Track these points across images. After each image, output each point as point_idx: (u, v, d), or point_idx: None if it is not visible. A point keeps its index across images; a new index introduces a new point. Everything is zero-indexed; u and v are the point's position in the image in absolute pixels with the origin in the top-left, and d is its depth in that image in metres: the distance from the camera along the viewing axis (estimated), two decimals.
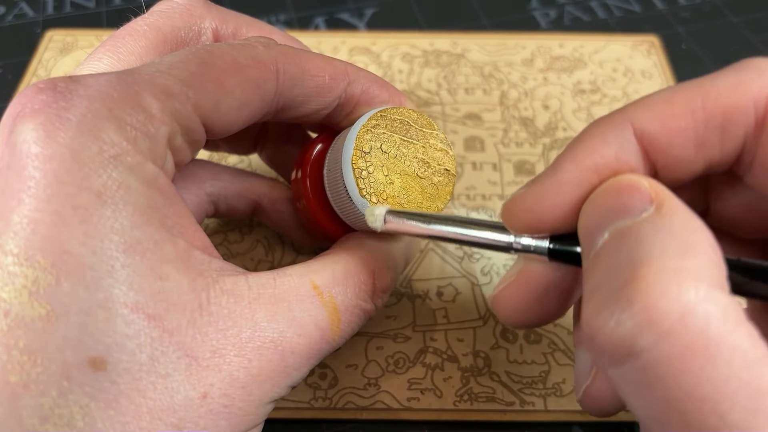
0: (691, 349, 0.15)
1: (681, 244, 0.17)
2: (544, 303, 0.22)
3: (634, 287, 0.16)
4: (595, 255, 0.19)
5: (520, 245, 0.21)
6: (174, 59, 0.22)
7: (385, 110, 0.25)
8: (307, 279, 0.22)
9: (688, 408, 0.16)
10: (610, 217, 0.19)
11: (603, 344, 0.17)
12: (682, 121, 0.20)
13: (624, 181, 0.19)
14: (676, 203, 0.18)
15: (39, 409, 0.17)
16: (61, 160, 0.18)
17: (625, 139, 0.20)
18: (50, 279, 0.18)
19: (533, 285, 0.22)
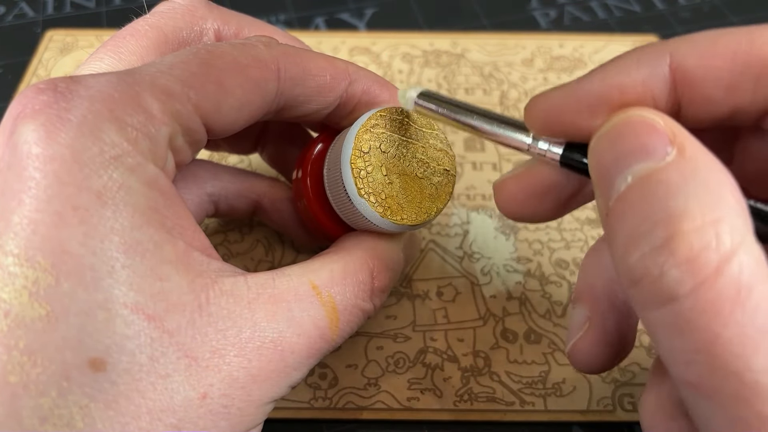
0: (724, 295, 0.16)
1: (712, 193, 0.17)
2: (542, 201, 0.24)
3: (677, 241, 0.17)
4: (620, 199, 0.19)
5: (536, 147, 0.22)
6: (175, 59, 0.22)
7: (385, 110, 0.25)
8: (306, 279, 0.22)
9: (715, 350, 0.16)
10: (630, 158, 0.19)
11: (647, 290, 0.17)
12: (722, 61, 0.20)
13: (638, 117, 0.19)
14: (697, 145, 0.18)
15: (38, 410, 0.17)
16: (62, 161, 0.18)
17: (658, 66, 0.20)
18: (50, 279, 0.18)
19: (537, 182, 0.23)
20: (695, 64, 0.20)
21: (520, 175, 0.24)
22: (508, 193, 0.24)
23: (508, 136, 0.23)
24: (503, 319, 0.32)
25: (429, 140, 0.25)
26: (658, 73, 0.20)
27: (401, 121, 0.25)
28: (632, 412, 0.29)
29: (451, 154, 0.26)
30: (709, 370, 0.17)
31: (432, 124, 0.25)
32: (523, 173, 0.24)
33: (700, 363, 0.17)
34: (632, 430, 0.29)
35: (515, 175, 0.24)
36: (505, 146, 0.23)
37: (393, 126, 0.25)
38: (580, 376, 0.30)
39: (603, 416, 0.29)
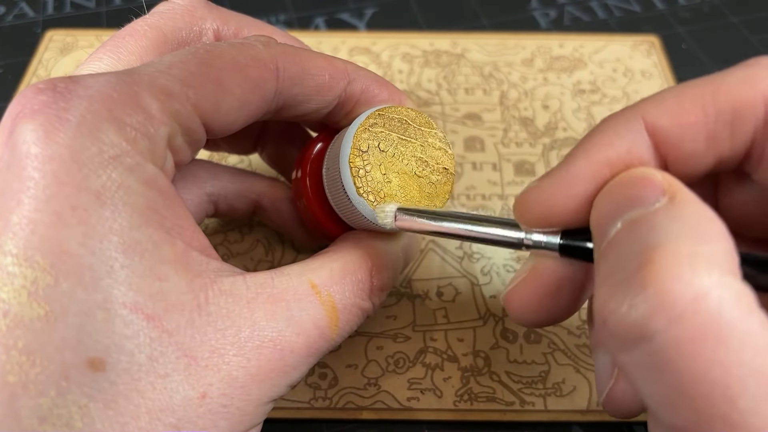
0: (704, 333, 0.16)
1: (694, 230, 0.17)
2: (556, 300, 0.23)
3: (647, 271, 0.16)
4: (608, 244, 0.19)
5: (531, 241, 0.22)
6: (173, 59, 0.22)
7: (383, 109, 0.25)
8: (305, 278, 0.22)
9: (699, 392, 0.16)
10: (623, 208, 0.19)
11: (616, 328, 0.17)
12: (693, 116, 0.20)
13: (637, 174, 0.20)
14: (689, 194, 0.18)
15: (37, 410, 0.17)
16: (61, 161, 0.18)
17: (637, 133, 0.21)
18: (49, 279, 0.18)
19: (545, 282, 0.22)
20: (669, 124, 0.20)
21: (525, 280, 0.23)
22: (519, 302, 0.23)
23: (499, 235, 0.22)
24: (503, 319, 0.32)
25: (428, 139, 0.25)
26: (638, 140, 0.21)
27: (400, 120, 0.25)
28: None
29: (450, 152, 0.26)
30: (694, 414, 0.16)
31: (431, 123, 0.25)
32: (528, 276, 0.23)
33: (685, 408, 0.16)
34: (632, 430, 0.29)
35: (520, 282, 0.23)
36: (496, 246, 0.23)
37: (391, 125, 0.25)
38: (580, 376, 0.30)
39: (603, 416, 0.29)
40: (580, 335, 0.31)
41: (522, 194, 0.22)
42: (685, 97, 0.20)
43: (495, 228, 0.22)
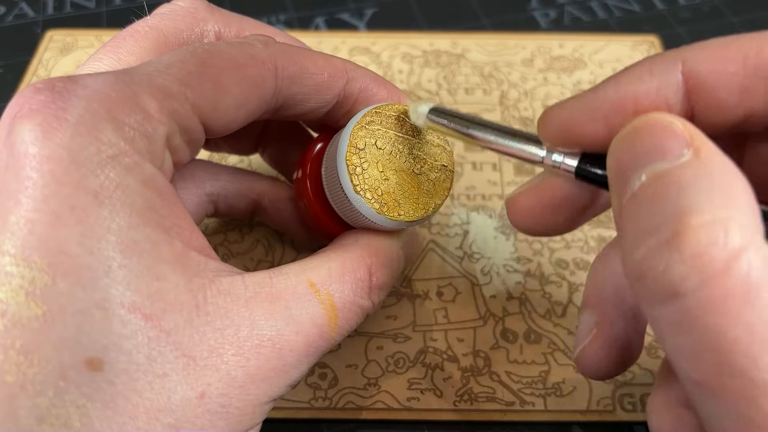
0: (732, 293, 0.16)
1: (723, 192, 0.17)
2: (556, 214, 0.24)
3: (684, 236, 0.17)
4: (633, 197, 0.19)
5: (550, 160, 0.22)
6: (172, 58, 0.22)
7: (380, 107, 0.25)
8: (303, 277, 0.22)
9: (722, 348, 0.16)
10: (646, 158, 0.19)
11: (651, 285, 0.17)
12: (733, 66, 0.20)
13: (658, 120, 0.19)
14: (713, 148, 0.18)
15: (36, 410, 0.17)
16: (59, 161, 0.18)
17: (671, 73, 0.21)
18: (47, 279, 0.18)
19: (551, 195, 0.23)
20: (707, 70, 0.21)
21: (532, 189, 0.24)
22: (521, 207, 0.24)
23: (521, 149, 0.23)
24: (503, 319, 0.32)
25: (426, 136, 0.25)
26: (671, 80, 0.21)
27: (397, 117, 0.25)
28: (632, 412, 0.29)
29: (449, 149, 0.26)
30: (716, 369, 0.17)
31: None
32: (536, 187, 0.24)
33: (707, 361, 0.17)
34: (632, 430, 0.29)
35: (528, 189, 0.24)
36: (518, 159, 0.23)
37: (388, 122, 0.25)
38: (580, 376, 0.30)
39: (603, 416, 0.29)
40: None
41: (547, 110, 0.22)
42: (729, 48, 0.21)
43: (519, 142, 0.23)
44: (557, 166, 0.22)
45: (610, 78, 0.21)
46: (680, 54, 0.21)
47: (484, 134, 0.23)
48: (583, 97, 0.21)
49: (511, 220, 0.25)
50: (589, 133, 0.21)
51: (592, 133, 0.21)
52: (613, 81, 0.21)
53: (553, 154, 0.22)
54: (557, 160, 0.22)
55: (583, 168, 0.22)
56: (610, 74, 0.42)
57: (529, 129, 0.40)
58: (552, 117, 0.22)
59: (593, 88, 0.21)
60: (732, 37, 0.21)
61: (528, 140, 0.23)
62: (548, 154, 0.22)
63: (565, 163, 0.22)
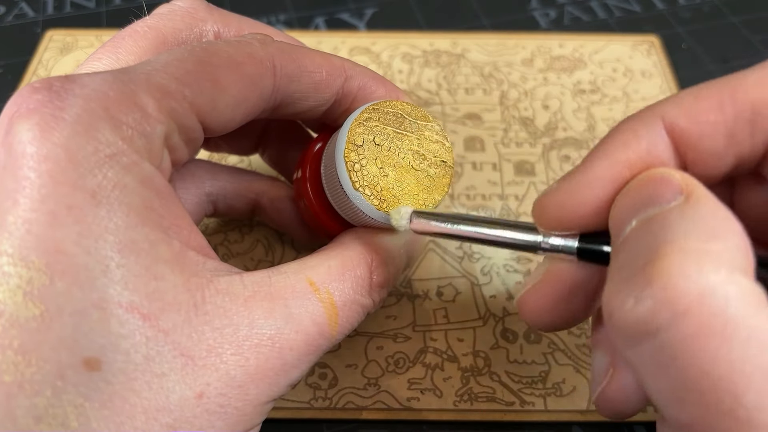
0: (709, 328, 0.16)
1: (705, 228, 0.17)
2: (570, 304, 0.23)
3: (654, 267, 0.16)
4: (622, 241, 0.19)
5: (548, 245, 0.22)
6: (170, 57, 0.21)
7: (378, 103, 0.25)
8: (303, 276, 0.22)
9: (704, 388, 0.16)
10: (640, 207, 0.19)
11: (621, 323, 0.17)
12: (712, 115, 0.20)
13: (656, 174, 0.20)
14: (705, 192, 0.18)
15: (33, 409, 0.17)
16: (56, 160, 0.18)
17: (656, 133, 0.21)
18: (45, 279, 0.18)
19: (560, 285, 0.22)
20: (687, 123, 0.20)
21: (539, 285, 0.23)
22: (533, 305, 0.23)
23: (516, 239, 0.22)
24: (503, 319, 0.32)
25: (424, 132, 0.25)
26: (657, 140, 0.21)
27: (395, 113, 0.25)
28: None
29: (448, 145, 0.26)
30: (700, 410, 0.16)
31: (427, 116, 0.25)
32: (542, 282, 0.23)
33: (691, 403, 0.16)
34: (632, 430, 0.29)
35: (534, 286, 0.23)
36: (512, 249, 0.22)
37: (386, 119, 0.24)
38: (580, 376, 0.30)
39: (603, 416, 0.29)
40: (580, 335, 0.31)
41: (540, 197, 0.22)
42: (703, 97, 0.21)
43: (511, 232, 0.22)
44: (557, 250, 0.22)
45: (596, 151, 0.21)
46: (658, 110, 0.21)
47: (473, 229, 0.22)
48: (575, 177, 0.21)
49: (527, 322, 0.24)
50: (588, 213, 0.21)
51: (591, 212, 0.21)
52: (601, 154, 0.21)
53: (551, 238, 0.22)
54: (556, 244, 0.22)
55: (585, 247, 0.21)
56: (610, 74, 0.42)
57: (529, 129, 0.40)
58: (547, 204, 0.22)
59: (582, 165, 0.21)
60: (705, 85, 0.21)
61: (521, 229, 0.22)
62: (545, 240, 0.22)
63: (566, 246, 0.21)
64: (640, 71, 0.43)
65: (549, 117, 0.41)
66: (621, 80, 0.43)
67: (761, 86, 0.20)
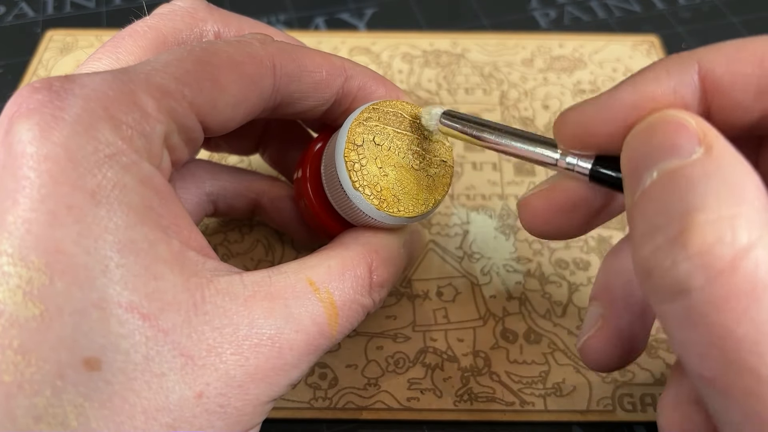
0: (738, 290, 0.16)
1: (733, 190, 0.17)
2: (569, 217, 0.24)
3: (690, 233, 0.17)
4: (644, 194, 0.19)
5: (565, 163, 0.22)
6: (170, 57, 0.21)
7: (378, 103, 0.25)
8: (302, 275, 0.22)
9: (729, 346, 0.16)
10: (658, 155, 0.19)
11: (658, 282, 0.18)
12: (749, 67, 0.21)
13: (670, 117, 0.20)
14: (725, 145, 0.18)
15: (33, 409, 0.17)
16: (56, 160, 0.18)
17: (687, 74, 0.21)
18: (44, 279, 0.18)
19: (565, 197, 0.23)
20: (723, 71, 0.21)
21: (545, 191, 0.24)
22: (533, 209, 0.24)
23: (535, 152, 0.23)
24: (503, 319, 0.32)
25: (424, 132, 0.25)
26: (687, 81, 0.21)
27: (395, 113, 0.25)
28: (632, 412, 0.29)
29: (448, 145, 0.26)
30: (723, 365, 0.17)
31: None
32: (549, 189, 0.24)
33: (714, 358, 0.17)
34: (632, 430, 0.29)
35: (540, 191, 0.24)
36: (531, 162, 0.23)
37: (386, 119, 0.25)
38: (580, 376, 0.30)
39: (603, 416, 0.29)
40: None
41: (563, 113, 0.22)
42: (745, 49, 0.21)
43: (532, 145, 0.23)
44: (571, 169, 0.22)
45: (626, 80, 0.21)
46: (696, 55, 0.21)
47: (497, 138, 0.23)
48: (600, 99, 0.21)
49: (523, 222, 0.24)
50: (606, 135, 0.21)
51: (608, 134, 0.21)
52: (630, 83, 0.21)
53: (567, 157, 0.22)
54: (571, 162, 0.22)
55: (598, 170, 0.22)
56: (610, 74, 0.42)
57: (529, 129, 0.40)
58: (568, 119, 0.22)
59: (610, 90, 0.22)
60: (748, 39, 0.21)
61: (541, 143, 0.23)
62: (562, 157, 0.22)
63: (579, 166, 0.22)
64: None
65: (549, 117, 0.41)
66: (621, 80, 0.43)
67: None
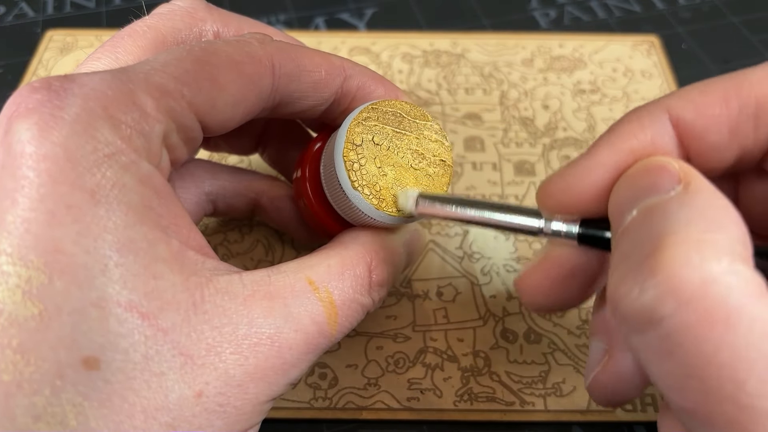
0: (711, 317, 0.16)
1: (706, 217, 0.17)
2: (568, 287, 0.23)
3: (657, 257, 0.17)
4: (623, 230, 0.19)
5: (551, 230, 0.22)
6: (169, 57, 0.21)
7: (377, 103, 0.25)
8: (302, 275, 0.22)
9: (707, 375, 0.16)
10: (639, 195, 0.19)
11: (626, 312, 0.17)
12: (717, 108, 0.21)
13: (654, 162, 0.20)
14: (704, 182, 0.19)
15: (32, 408, 0.17)
16: (55, 160, 0.18)
17: (661, 124, 0.21)
18: (43, 278, 0.18)
19: (559, 268, 0.23)
20: (693, 115, 0.21)
21: (539, 264, 0.23)
22: (531, 286, 0.24)
23: (519, 223, 0.22)
24: (503, 319, 0.32)
25: (423, 131, 0.25)
26: (662, 131, 0.21)
27: (394, 113, 0.25)
28: (632, 412, 0.29)
29: (447, 144, 0.26)
30: (702, 395, 0.16)
31: (426, 115, 0.25)
32: (542, 261, 0.23)
33: (693, 388, 0.16)
34: (632, 430, 0.29)
35: (534, 266, 0.24)
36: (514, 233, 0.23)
37: (385, 118, 0.24)
38: (580, 376, 0.30)
39: (603, 416, 0.29)
40: (580, 335, 0.31)
41: (545, 181, 0.22)
42: (709, 91, 0.21)
43: (515, 216, 0.22)
44: (558, 234, 0.22)
45: (601, 139, 0.22)
46: (664, 104, 0.21)
47: (478, 213, 0.23)
48: (580, 164, 0.22)
49: (523, 300, 0.24)
50: (590, 198, 0.21)
51: (593, 196, 0.21)
52: (606, 143, 0.21)
53: (552, 223, 0.22)
54: (557, 229, 0.22)
55: (586, 233, 0.22)
56: (610, 74, 0.42)
57: (529, 129, 0.40)
58: (551, 188, 0.22)
59: (588, 152, 0.22)
60: (711, 81, 0.21)
61: (524, 213, 0.22)
62: (547, 224, 0.22)
63: (568, 231, 0.22)
64: (640, 71, 0.43)
65: (549, 117, 0.41)
66: (621, 80, 0.43)
67: (766, 83, 0.21)
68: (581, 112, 0.41)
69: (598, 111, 0.41)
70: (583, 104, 0.41)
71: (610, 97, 0.42)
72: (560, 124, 0.40)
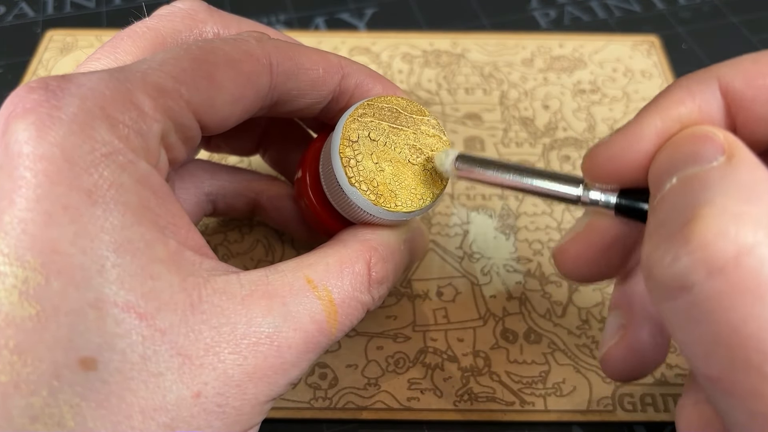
0: (743, 287, 0.16)
1: (745, 190, 0.17)
2: (609, 257, 0.23)
3: (692, 226, 0.17)
4: (660, 198, 0.19)
5: (588, 199, 0.22)
6: (166, 56, 0.21)
7: (372, 99, 0.25)
8: (300, 274, 0.22)
9: (734, 344, 0.16)
10: (680, 164, 0.19)
11: (659, 278, 0.17)
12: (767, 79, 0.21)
13: (699, 131, 0.20)
14: (747, 154, 0.18)
15: (29, 409, 0.17)
16: (52, 160, 0.18)
17: (710, 92, 0.21)
18: (40, 279, 0.18)
19: (600, 238, 0.23)
20: (743, 85, 0.21)
21: (580, 235, 0.24)
22: (571, 256, 0.24)
23: (558, 190, 0.22)
24: (503, 319, 0.32)
25: (420, 126, 0.25)
26: (711, 99, 0.21)
27: (390, 109, 0.25)
28: (632, 412, 0.29)
29: (445, 139, 0.25)
30: (728, 364, 0.16)
31: (423, 111, 0.25)
32: (581, 233, 0.24)
33: (718, 357, 0.17)
34: (632, 430, 0.29)
35: (574, 237, 0.24)
36: (551, 200, 0.23)
37: (381, 114, 0.24)
38: (580, 376, 0.30)
39: (603, 416, 0.29)
40: (580, 335, 0.31)
41: (592, 148, 0.22)
42: (762, 61, 0.21)
43: (554, 183, 0.22)
44: (596, 203, 0.22)
45: (649, 106, 0.21)
46: (714, 71, 0.21)
47: (517, 178, 0.23)
48: (626, 131, 0.21)
49: (563, 271, 0.24)
50: (637, 166, 0.21)
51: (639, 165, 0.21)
52: (654, 109, 0.21)
53: (591, 192, 0.22)
54: (595, 198, 0.22)
55: (622, 203, 0.22)
56: (610, 74, 0.42)
57: (529, 129, 0.40)
58: (598, 156, 0.22)
59: (635, 119, 0.21)
60: (764, 52, 0.21)
61: (562, 180, 0.22)
62: (585, 193, 0.22)
63: (605, 201, 0.22)
64: (640, 71, 0.43)
65: (549, 117, 0.41)
66: (621, 80, 0.43)
67: None
68: (581, 112, 0.41)
69: (598, 111, 0.41)
70: (583, 104, 0.41)
71: (610, 97, 0.42)
72: (560, 124, 0.40)
